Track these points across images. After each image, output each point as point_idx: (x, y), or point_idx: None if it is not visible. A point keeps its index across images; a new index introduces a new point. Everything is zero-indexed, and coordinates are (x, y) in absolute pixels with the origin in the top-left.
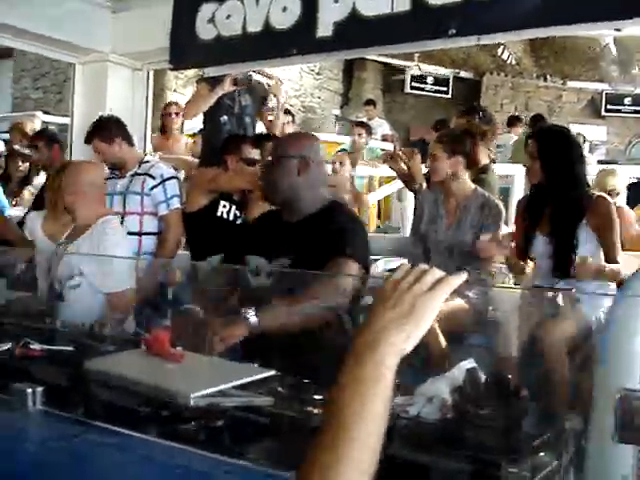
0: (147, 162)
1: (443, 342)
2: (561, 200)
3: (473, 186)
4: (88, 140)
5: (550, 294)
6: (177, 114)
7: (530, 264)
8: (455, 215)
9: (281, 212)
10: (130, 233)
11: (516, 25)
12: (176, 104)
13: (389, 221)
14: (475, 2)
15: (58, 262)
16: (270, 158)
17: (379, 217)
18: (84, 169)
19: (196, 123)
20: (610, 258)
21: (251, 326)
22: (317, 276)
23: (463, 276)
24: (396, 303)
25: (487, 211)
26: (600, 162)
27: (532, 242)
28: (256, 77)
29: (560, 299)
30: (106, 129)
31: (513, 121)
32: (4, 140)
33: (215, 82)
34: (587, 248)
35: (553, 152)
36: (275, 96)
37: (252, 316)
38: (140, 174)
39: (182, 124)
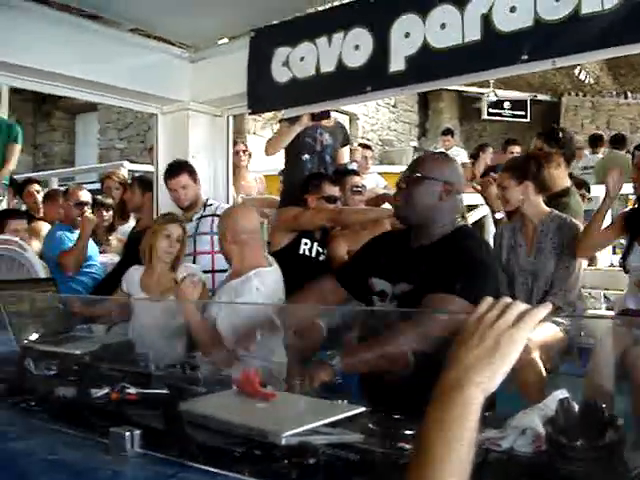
0: (211, 205)
1: (541, 372)
2: None
3: (548, 209)
4: (177, 173)
5: None
6: (244, 152)
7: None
8: (534, 240)
9: (405, 235)
10: (204, 271)
11: (591, 46)
12: (243, 142)
13: None
14: (546, 25)
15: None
16: (411, 176)
17: None
18: (241, 216)
19: (275, 163)
20: None
21: (335, 371)
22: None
23: (548, 307)
24: (480, 340)
25: (566, 232)
26: None
27: (630, 253)
28: (336, 116)
29: None
30: (192, 169)
31: (595, 141)
32: (90, 190)
33: (296, 120)
34: None
35: None
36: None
37: (337, 362)
38: (207, 215)
39: (247, 162)
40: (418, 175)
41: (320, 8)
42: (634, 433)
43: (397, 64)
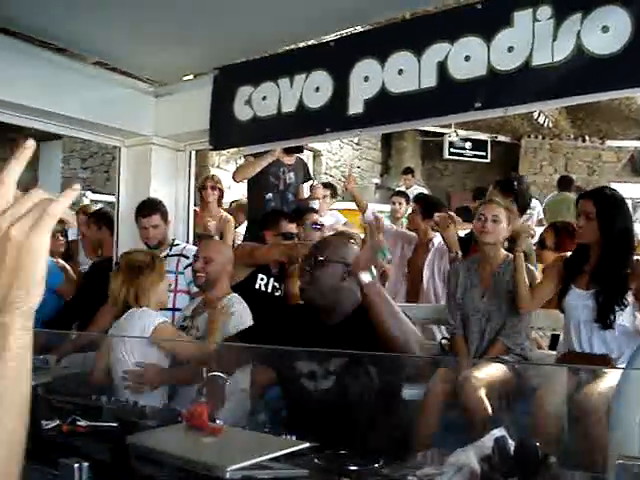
0: (178, 245)
1: (487, 409)
2: (613, 259)
3: (505, 253)
4: (150, 213)
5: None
6: (213, 188)
7: None
8: (490, 282)
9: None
10: (165, 309)
11: (541, 96)
12: (212, 178)
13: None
14: (499, 75)
15: None
16: (314, 257)
17: None
18: (226, 246)
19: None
20: None
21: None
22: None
23: (73, 193)
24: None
25: None
26: None
27: (566, 294)
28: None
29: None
30: (165, 210)
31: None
32: None
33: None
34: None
35: (612, 213)
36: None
37: None
38: (173, 255)
39: (219, 198)
40: (321, 258)
41: (283, 49)
42: (571, 470)
43: (356, 107)
